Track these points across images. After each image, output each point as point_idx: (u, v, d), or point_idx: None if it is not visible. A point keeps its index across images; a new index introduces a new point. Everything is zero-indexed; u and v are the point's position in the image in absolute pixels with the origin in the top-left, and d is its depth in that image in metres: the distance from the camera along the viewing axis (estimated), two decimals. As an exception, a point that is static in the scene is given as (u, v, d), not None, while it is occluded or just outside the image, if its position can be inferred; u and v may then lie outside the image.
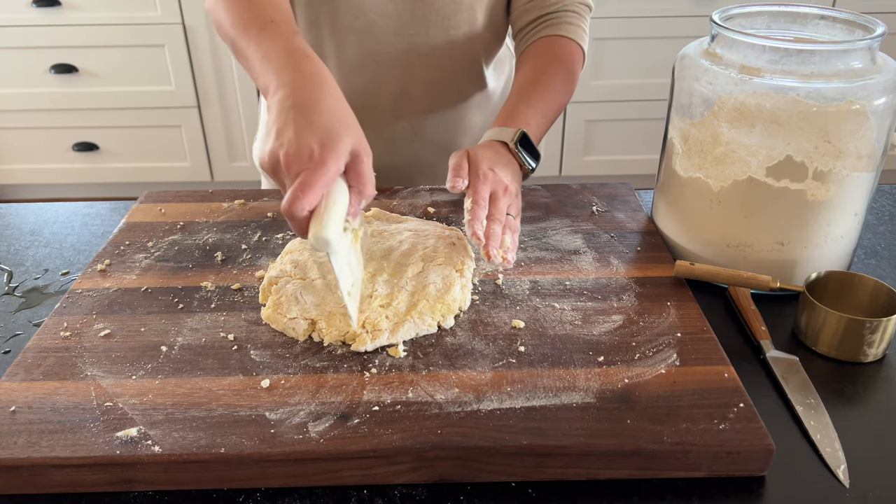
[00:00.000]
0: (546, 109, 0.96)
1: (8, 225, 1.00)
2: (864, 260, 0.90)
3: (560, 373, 0.67)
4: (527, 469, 0.60)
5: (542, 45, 1.01)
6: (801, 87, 0.73)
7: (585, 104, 2.59)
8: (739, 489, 0.60)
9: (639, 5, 2.44)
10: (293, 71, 0.69)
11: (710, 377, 0.66)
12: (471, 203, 0.79)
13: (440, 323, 0.73)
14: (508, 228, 0.81)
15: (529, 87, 0.97)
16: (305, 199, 0.61)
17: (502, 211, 0.81)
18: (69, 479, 0.59)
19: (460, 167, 0.83)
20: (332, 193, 0.64)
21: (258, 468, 0.59)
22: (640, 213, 0.96)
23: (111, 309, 0.76)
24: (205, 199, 1.00)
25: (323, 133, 0.63)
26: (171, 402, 0.63)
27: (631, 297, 0.78)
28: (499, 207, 0.81)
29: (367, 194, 0.67)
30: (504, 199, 0.82)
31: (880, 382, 0.70)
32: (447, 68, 1.06)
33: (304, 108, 0.65)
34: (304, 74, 0.69)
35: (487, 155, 0.86)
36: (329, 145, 0.63)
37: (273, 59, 0.72)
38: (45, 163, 2.69)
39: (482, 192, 0.80)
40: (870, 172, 0.78)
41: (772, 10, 0.85)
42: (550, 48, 1.01)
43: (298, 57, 0.71)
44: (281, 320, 0.72)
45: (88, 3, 2.40)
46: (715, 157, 0.80)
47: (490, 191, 0.82)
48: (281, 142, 0.64)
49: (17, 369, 0.67)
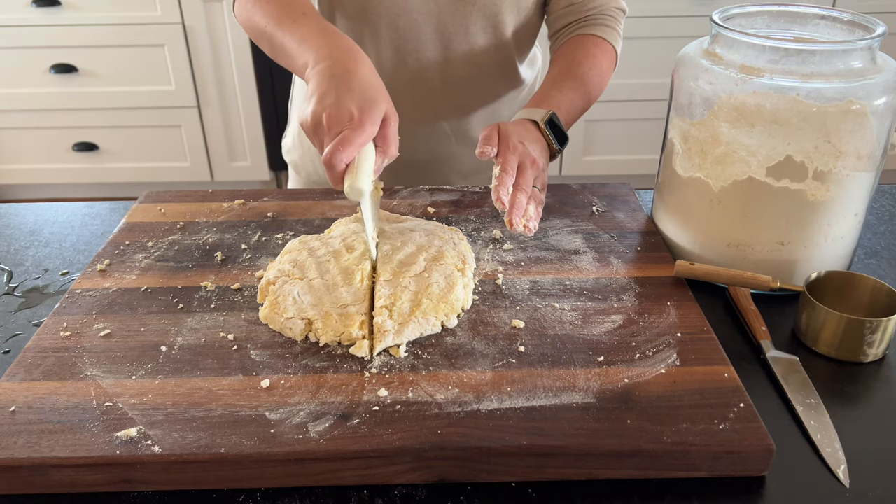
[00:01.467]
0: (576, 100, 0.98)
1: (8, 225, 1.00)
2: (865, 260, 0.90)
3: (560, 373, 0.67)
4: (527, 469, 0.60)
5: (577, 42, 1.05)
6: (802, 87, 0.73)
7: (585, 104, 2.59)
8: (739, 489, 0.60)
9: (639, 5, 2.43)
10: (331, 46, 0.78)
11: (710, 377, 0.66)
12: (499, 170, 0.81)
13: (444, 323, 0.73)
14: (534, 200, 0.83)
15: (563, 77, 1.00)
16: (344, 152, 0.69)
17: (529, 182, 0.83)
18: (69, 479, 0.59)
19: (490, 137, 0.85)
20: (364, 151, 0.72)
21: (258, 468, 0.59)
22: (640, 213, 0.96)
23: (111, 309, 0.76)
24: (205, 199, 1.00)
25: (361, 99, 0.72)
26: (171, 402, 0.63)
27: (631, 297, 0.78)
28: (526, 178, 0.82)
29: (390, 154, 0.76)
30: (531, 171, 0.84)
31: (880, 382, 0.70)
32: (484, 65, 1.08)
33: (344, 77, 0.74)
34: (340, 48, 0.78)
35: (518, 130, 0.88)
36: (366, 109, 0.71)
37: (311, 39, 0.81)
38: (45, 163, 2.69)
39: (511, 162, 0.82)
40: (870, 172, 0.78)
41: (772, 9, 0.85)
42: (585, 45, 1.04)
43: (334, 35, 0.80)
44: (278, 320, 0.72)
45: (88, 3, 2.40)
46: (715, 157, 0.80)
47: (518, 161, 0.83)
48: (324, 105, 0.72)
49: (17, 369, 0.67)
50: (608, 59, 1.05)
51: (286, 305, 0.73)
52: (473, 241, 0.89)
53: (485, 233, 0.91)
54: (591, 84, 1.01)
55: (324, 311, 0.72)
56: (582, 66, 1.01)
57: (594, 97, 1.03)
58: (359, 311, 0.72)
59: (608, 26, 1.06)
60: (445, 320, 0.73)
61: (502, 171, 0.81)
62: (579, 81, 1.00)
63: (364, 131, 0.70)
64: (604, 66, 1.04)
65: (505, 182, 0.80)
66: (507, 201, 0.79)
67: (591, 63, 1.02)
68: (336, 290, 0.75)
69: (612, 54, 1.06)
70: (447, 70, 1.07)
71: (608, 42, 1.05)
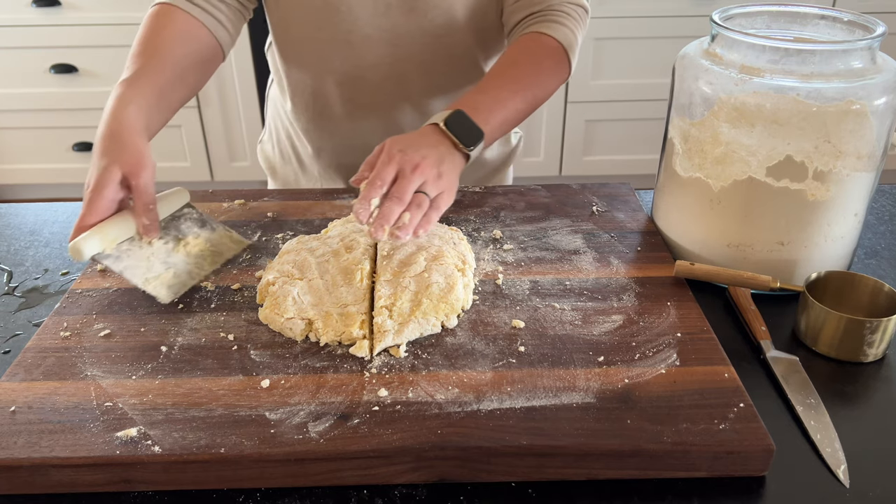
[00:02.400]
0: (505, 99, 0.92)
1: (8, 225, 1.00)
2: (865, 260, 0.90)
3: (560, 373, 0.67)
4: (527, 469, 0.60)
5: (520, 41, 0.99)
6: (801, 86, 0.73)
7: (585, 104, 2.59)
8: (739, 489, 0.60)
9: (639, 5, 2.44)
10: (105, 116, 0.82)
11: (710, 377, 0.66)
12: (365, 185, 0.78)
13: (444, 323, 0.73)
14: (415, 206, 0.77)
15: (491, 76, 0.94)
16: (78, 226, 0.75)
17: (406, 189, 0.77)
18: (69, 479, 0.59)
19: (368, 161, 0.82)
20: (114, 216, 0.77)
21: (258, 468, 0.59)
22: (640, 213, 0.96)
23: (111, 309, 0.76)
24: (205, 199, 1.00)
25: (96, 169, 0.77)
26: (171, 402, 0.63)
27: (631, 297, 0.78)
28: (401, 186, 0.77)
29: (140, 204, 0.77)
30: (414, 177, 0.78)
31: (880, 382, 0.70)
32: (446, 74, 1.07)
33: (94, 151, 0.79)
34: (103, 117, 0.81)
35: (407, 138, 0.83)
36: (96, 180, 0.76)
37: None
38: (45, 163, 2.69)
39: (382, 174, 0.78)
40: (870, 172, 0.78)
41: (772, 9, 0.85)
42: (525, 43, 0.98)
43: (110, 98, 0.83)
44: (278, 321, 0.72)
45: (88, 3, 2.40)
46: (715, 157, 0.80)
47: (395, 171, 0.78)
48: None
49: (17, 369, 0.67)
50: (553, 57, 0.98)
51: (286, 306, 0.73)
52: (473, 241, 0.89)
53: (485, 233, 0.91)
54: (525, 81, 0.94)
55: (324, 310, 0.72)
56: (517, 63, 0.96)
57: (535, 95, 0.96)
58: (359, 311, 0.72)
59: (558, 23, 0.99)
60: (445, 320, 0.73)
61: (368, 185, 0.77)
62: (509, 79, 0.94)
63: (90, 202, 0.75)
64: (545, 63, 0.97)
65: (367, 195, 0.76)
66: (363, 216, 0.75)
67: (528, 59, 0.96)
68: (336, 289, 0.75)
69: (560, 52, 0.99)
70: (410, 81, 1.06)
71: (554, 38, 0.98)
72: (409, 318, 0.71)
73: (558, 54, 0.99)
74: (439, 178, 0.81)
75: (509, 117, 0.92)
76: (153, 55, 0.89)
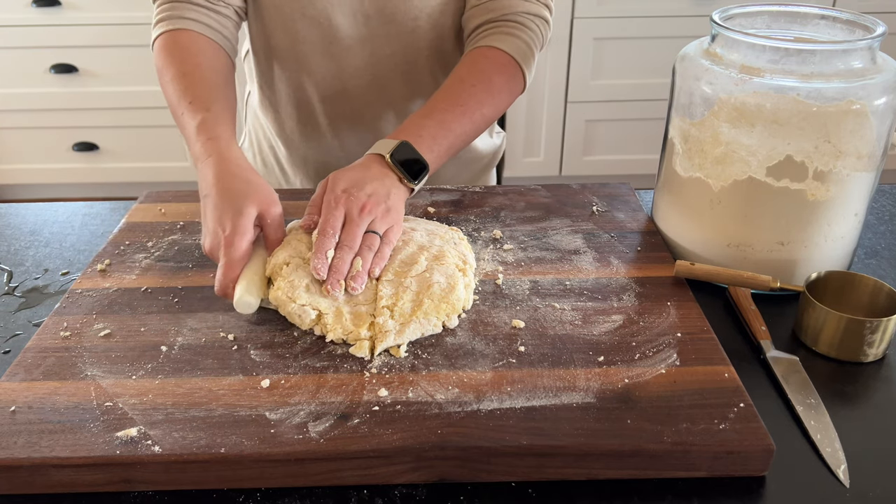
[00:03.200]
0: (450, 122, 0.90)
1: (8, 225, 1.00)
2: (865, 260, 0.90)
3: (560, 373, 0.67)
4: (527, 469, 0.60)
5: (469, 56, 0.96)
6: (802, 86, 0.73)
7: (585, 104, 2.59)
8: (739, 489, 0.60)
9: (639, 5, 2.44)
10: (197, 159, 0.81)
11: (710, 377, 0.66)
12: (316, 234, 0.76)
13: (445, 323, 0.73)
14: (367, 248, 0.76)
15: (438, 98, 0.92)
16: (227, 277, 0.72)
17: (355, 235, 0.76)
18: (69, 479, 0.59)
19: (313, 202, 0.81)
20: (251, 262, 0.75)
21: (258, 468, 0.59)
22: (640, 213, 0.96)
23: (111, 309, 0.76)
24: (205, 199, 1.00)
25: (229, 212, 0.75)
26: (171, 402, 0.63)
27: (631, 297, 0.78)
28: (351, 232, 0.76)
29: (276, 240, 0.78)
30: (362, 219, 0.77)
31: (880, 382, 0.70)
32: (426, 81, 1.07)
33: (211, 197, 0.77)
34: (205, 161, 0.80)
35: (350, 175, 0.81)
36: (234, 223, 0.74)
37: (190, 147, 0.84)
38: (45, 163, 2.69)
39: (331, 222, 0.76)
40: (870, 172, 0.78)
41: (772, 9, 0.85)
42: (474, 59, 0.95)
43: (201, 142, 0.82)
44: (289, 305, 0.71)
45: (88, 3, 2.40)
46: (715, 157, 0.80)
47: (343, 214, 0.77)
48: (204, 233, 0.77)
49: (17, 369, 0.67)
50: (504, 73, 0.95)
51: (300, 292, 0.72)
52: (473, 241, 0.89)
53: (485, 233, 0.91)
54: (473, 102, 0.91)
55: (335, 306, 0.72)
56: (464, 83, 0.92)
57: (483, 115, 0.93)
58: (368, 312, 0.72)
59: (512, 34, 0.96)
60: (447, 320, 0.73)
61: (320, 235, 0.75)
62: (457, 100, 0.91)
63: (236, 248, 0.73)
64: (495, 80, 0.94)
65: (321, 247, 0.74)
66: (322, 272, 0.73)
67: (477, 77, 0.93)
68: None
69: (512, 66, 0.95)
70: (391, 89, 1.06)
71: (506, 52, 0.95)
72: (410, 319, 0.71)
73: (511, 69, 0.95)
74: (387, 213, 0.80)
75: (455, 143, 0.91)
76: (207, 87, 0.88)
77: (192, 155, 0.84)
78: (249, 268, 0.74)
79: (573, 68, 2.52)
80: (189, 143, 0.85)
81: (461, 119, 0.91)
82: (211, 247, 0.76)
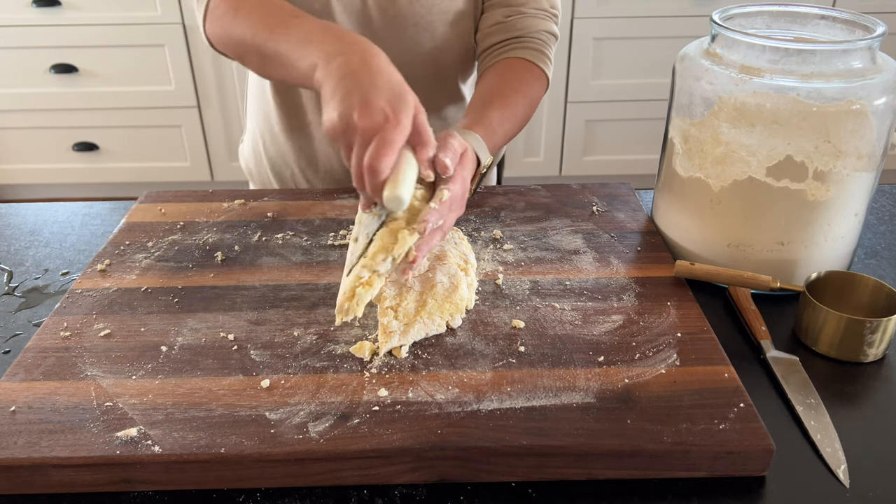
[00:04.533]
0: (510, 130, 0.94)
1: (8, 225, 1.00)
2: (865, 260, 0.90)
3: (560, 373, 0.67)
4: (527, 469, 0.60)
5: (508, 65, 1.00)
6: (801, 86, 0.73)
7: (585, 104, 2.59)
8: (739, 489, 0.60)
9: (639, 5, 2.43)
10: (341, 42, 0.73)
11: (710, 377, 0.66)
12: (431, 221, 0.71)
13: (448, 322, 0.73)
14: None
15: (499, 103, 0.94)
16: (389, 156, 0.64)
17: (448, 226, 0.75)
18: (69, 479, 0.59)
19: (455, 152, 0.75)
20: (404, 155, 0.67)
21: (258, 468, 0.59)
22: (640, 213, 0.96)
23: (111, 309, 0.76)
24: (205, 199, 1.00)
25: (389, 94, 0.66)
26: (171, 402, 0.63)
27: (631, 297, 0.78)
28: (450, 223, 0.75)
29: (429, 148, 0.70)
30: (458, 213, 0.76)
31: (880, 382, 0.70)
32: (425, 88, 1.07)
33: (364, 72, 0.68)
34: (351, 43, 0.72)
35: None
36: (398, 104, 0.66)
37: (314, 40, 0.75)
38: (45, 163, 2.69)
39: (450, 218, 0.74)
40: (870, 172, 0.78)
41: (772, 9, 0.85)
42: (515, 69, 0.99)
43: (339, 31, 0.75)
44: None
45: (88, 3, 2.40)
46: (715, 157, 0.80)
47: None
48: (351, 104, 0.66)
49: (17, 369, 0.67)
50: (540, 86, 1.01)
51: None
52: (473, 241, 0.89)
53: (485, 233, 0.91)
54: (521, 112, 0.96)
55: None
56: (516, 89, 0.96)
57: (520, 125, 0.98)
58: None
59: (539, 50, 1.01)
60: (450, 320, 0.73)
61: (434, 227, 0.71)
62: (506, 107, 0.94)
63: (403, 129, 0.65)
64: (534, 93, 1.00)
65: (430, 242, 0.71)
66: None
67: (525, 90, 0.98)
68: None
69: (544, 80, 1.02)
70: None
71: (539, 67, 1.01)
72: (414, 319, 0.71)
73: (544, 82, 1.02)
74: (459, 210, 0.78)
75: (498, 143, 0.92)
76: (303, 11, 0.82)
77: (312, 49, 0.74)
78: (407, 162, 0.68)
79: (573, 68, 2.52)
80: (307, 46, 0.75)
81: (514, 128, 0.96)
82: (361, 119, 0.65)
